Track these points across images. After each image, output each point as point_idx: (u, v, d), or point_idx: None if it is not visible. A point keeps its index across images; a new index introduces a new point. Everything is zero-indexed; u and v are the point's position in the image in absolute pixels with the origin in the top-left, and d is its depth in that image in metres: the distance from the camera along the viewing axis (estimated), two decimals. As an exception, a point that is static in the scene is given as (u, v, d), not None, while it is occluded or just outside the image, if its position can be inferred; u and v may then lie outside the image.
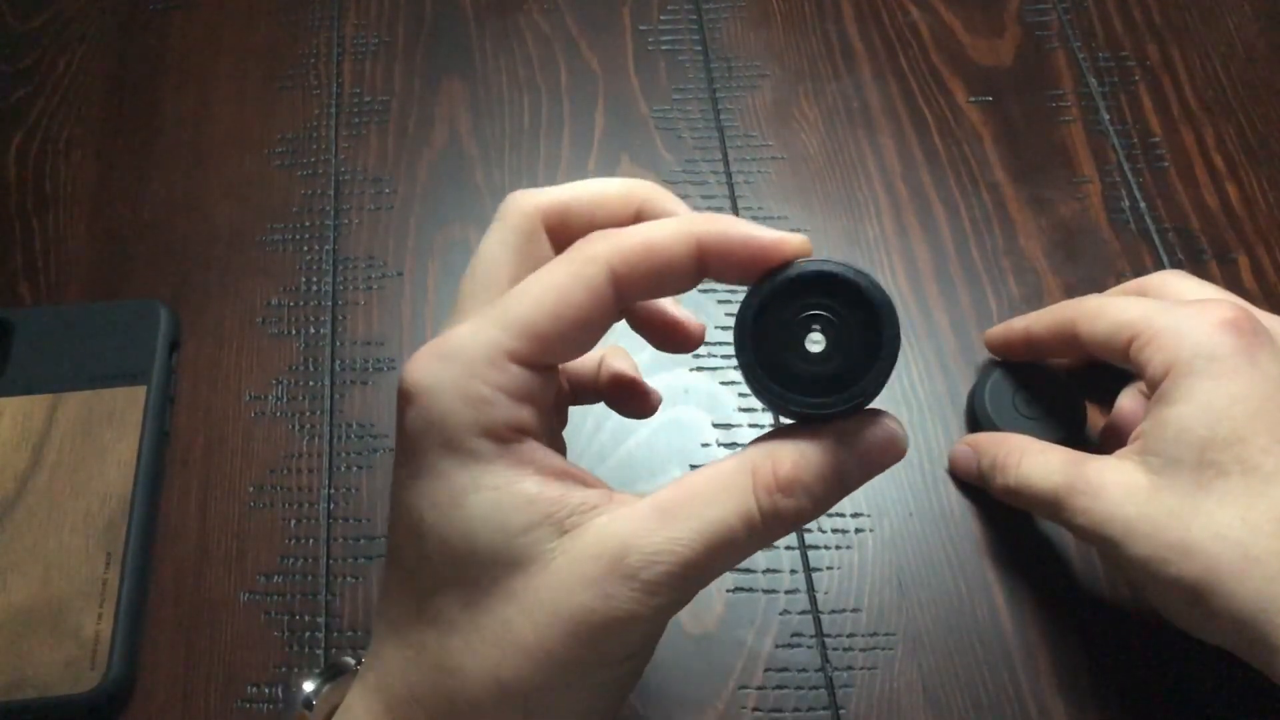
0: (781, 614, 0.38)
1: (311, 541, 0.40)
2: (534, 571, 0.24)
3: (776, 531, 0.24)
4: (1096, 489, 0.32)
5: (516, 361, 0.24)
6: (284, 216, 0.47)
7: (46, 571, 0.37)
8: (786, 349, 0.24)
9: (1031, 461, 0.35)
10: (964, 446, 0.39)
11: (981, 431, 0.39)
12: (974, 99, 0.49)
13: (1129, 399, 0.39)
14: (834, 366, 0.24)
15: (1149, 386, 0.34)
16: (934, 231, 0.46)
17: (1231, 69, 0.50)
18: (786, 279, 0.24)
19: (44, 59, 0.51)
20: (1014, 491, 0.36)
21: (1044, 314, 0.39)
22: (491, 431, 0.24)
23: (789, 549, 0.39)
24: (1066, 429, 0.39)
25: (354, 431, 0.42)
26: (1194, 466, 0.31)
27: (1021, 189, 0.47)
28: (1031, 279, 0.44)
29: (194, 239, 0.46)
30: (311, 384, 0.43)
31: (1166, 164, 0.47)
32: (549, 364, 0.25)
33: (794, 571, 0.38)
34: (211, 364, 0.43)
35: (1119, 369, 0.37)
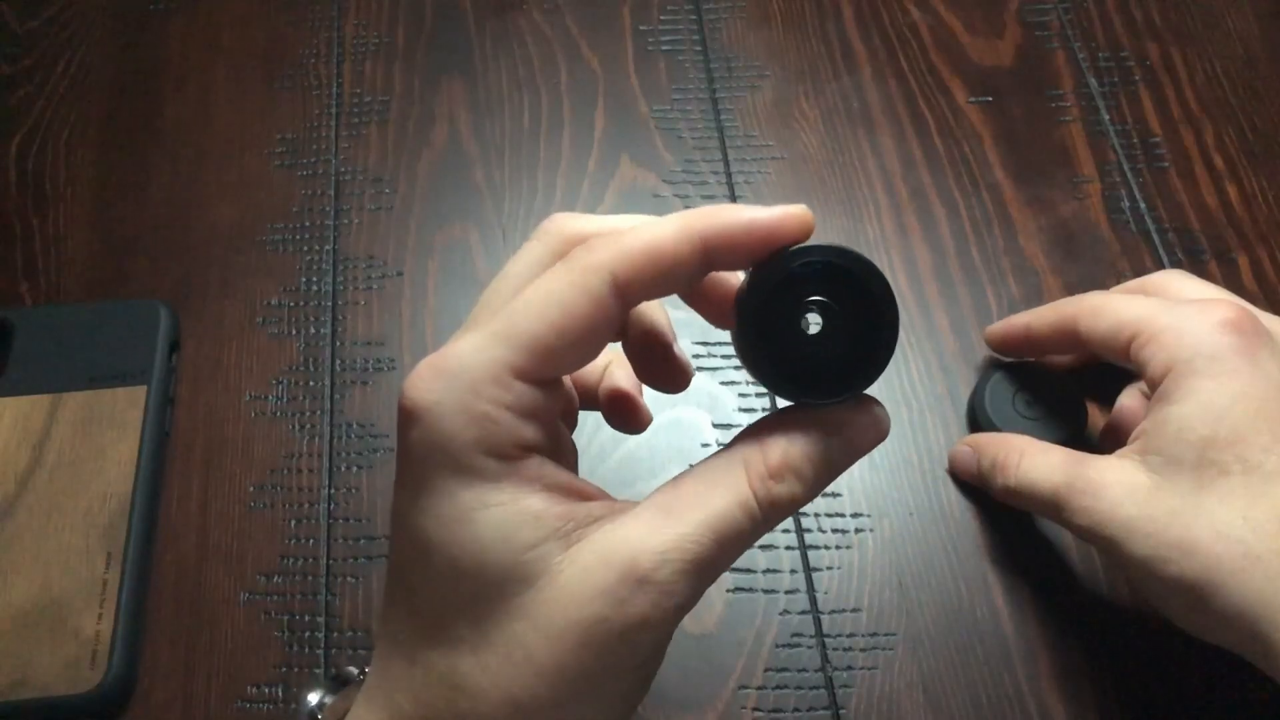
0: (781, 614, 0.38)
1: (311, 541, 0.40)
2: (542, 586, 0.23)
3: (774, 518, 0.25)
4: (1097, 488, 0.32)
5: (520, 378, 0.24)
6: (284, 216, 0.47)
7: (47, 571, 0.37)
8: (785, 334, 0.24)
9: (1032, 462, 0.35)
10: (964, 447, 0.39)
11: (982, 432, 0.40)
12: (974, 99, 0.49)
13: (1129, 398, 0.39)
14: (832, 351, 0.25)
15: (1149, 385, 0.34)
16: (934, 231, 0.46)
17: (1231, 69, 0.50)
18: (781, 268, 0.24)
19: (44, 59, 0.51)
20: (1014, 492, 0.36)
21: (1044, 311, 0.39)
22: (496, 449, 0.24)
23: (789, 549, 0.39)
24: (1067, 429, 0.39)
25: (354, 431, 0.42)
26: (1195, 465, 0.31)
27: (1021, 189, 0.47)
28: (1031, 279, 0.44)
29: (194, 239, 0.46)
30: (312, 384, 0.43)
31: (1166, 164, 0.47)
32: (555, 375, 0.25)
33: (794, 571, 0.38)
34: (212, 364, 0.43)
35: (1120, 369, 0.37)
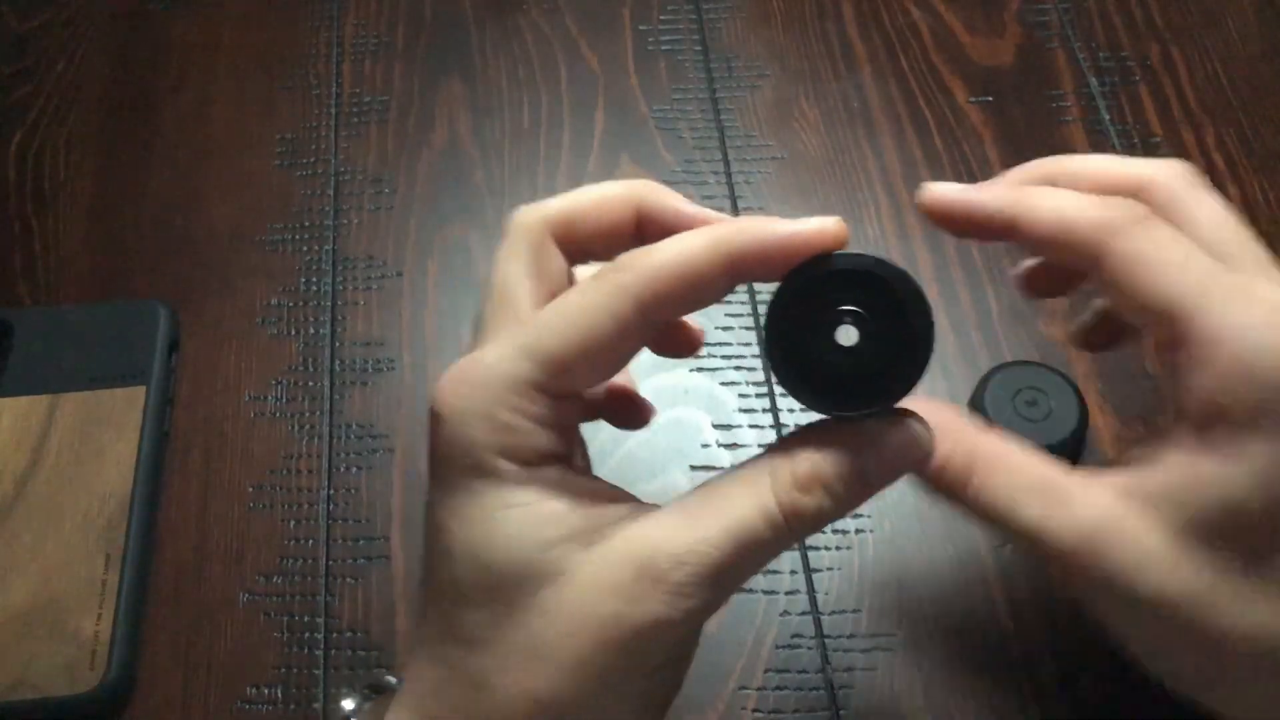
0: (782, 615, 0.38)
1: (311, 542, 0.40)
2: (562, 584, 0.24)
3: (799, 530, 0.24)
4: (1100, 545, 0.25)
5: (543, 392, 0.24)
6: (284, 216, 0.47)
7: (46, 572, 0.37)
8: (816, 344, 0.24)
9: (997, 481, 0.26)
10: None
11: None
12: (974, 99, 0.49)
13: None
14: (865, 361, 0.24)
15: (1179, 407, 0.25)
16: (934, 232, 0.46)
17: (1232, 69, 0.50)
18: (814, 278, 0.24)
19: (44, 59, 0.51)
20: (975, 515, 0.27)
21: (1000, 194, 0.28)
22: (518, 456, 0.24)
23: (789, 550, 0.39)
24: (1067, 429, 0.39)
25: (354, 432, 0.42)
26: (1241, 547, 0.24)
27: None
28: (1032, 279, 0.44)
29: (194, 239, 0.46)
30: (311, 384, 0.43)
31: (1167, 164, 0.47)
32: (577, 391, 0.25)
33: (794, 572, 0.38)
34: (211, 364, 0.43)
35: (1118, 358, 0.35)
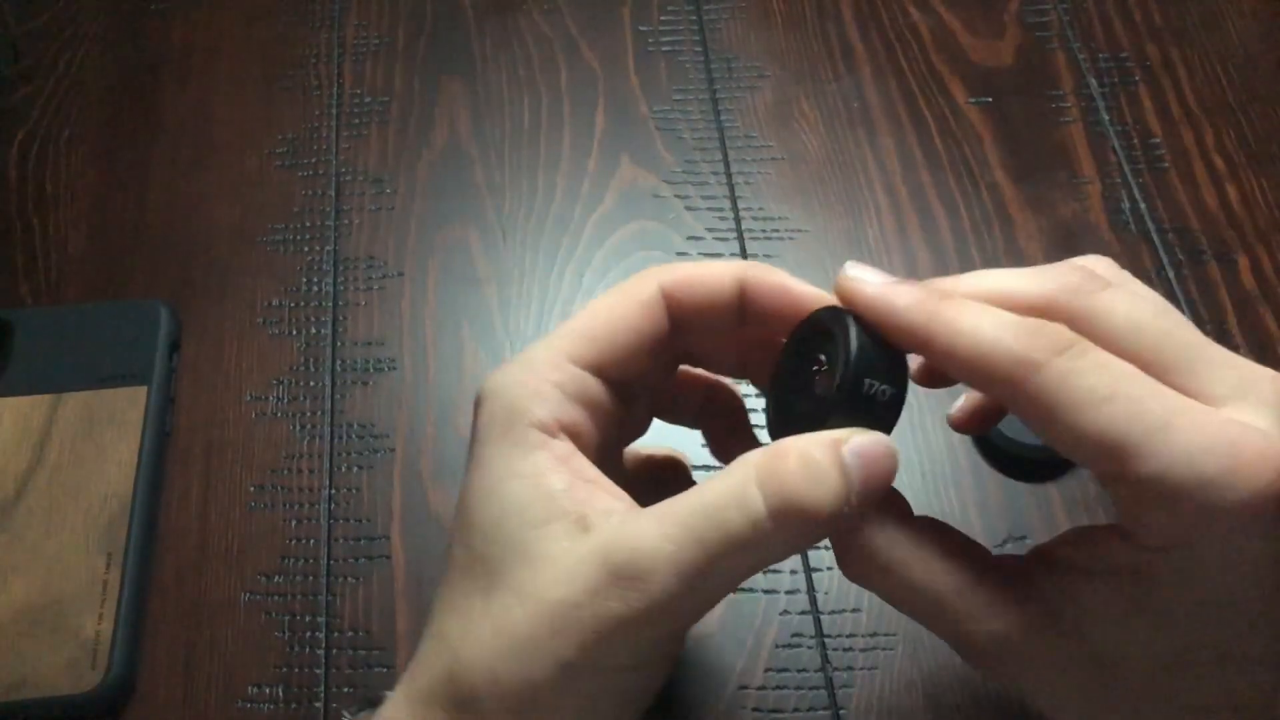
0: (782, 614, 0.38)
1: (312, 542, 0.40)
2: (539, 568, 0.24)
3: (791, 529, 0.23)
4: (1009, 670, 0.25)
5: (574, 362, 0.26)
6: (284, 217, 0.47)
7: (47, 572, 0.37)
8: (798, 394, 0.26)
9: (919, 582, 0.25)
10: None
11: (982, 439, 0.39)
12: (974, 100, 0.49)
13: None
14: (834, 407, 0.24)
15: (1132, 538, 0.23)
16: (934, 232, 0.46)
17: (1231, 70, 0.50)
18: (796, 334, 0.26)
19: (44, 59, 0.51)
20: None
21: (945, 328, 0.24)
22: (540, 422, 0.25)
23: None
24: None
25: (355, 432, 0.42)
26: (1176, 705, 0.24)
27: (1021, 189, 0.47)
28: (1031, 279, 0.44)
29: (194, 239, 0.46)
30: (312, 384, 0.43)
31: (1166, 165, 0.47)
32: (606, 370, 0.26)
33: (794, 572, 0.38)
34: (212, 364, 0.43)
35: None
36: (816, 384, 0.25)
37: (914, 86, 0.50)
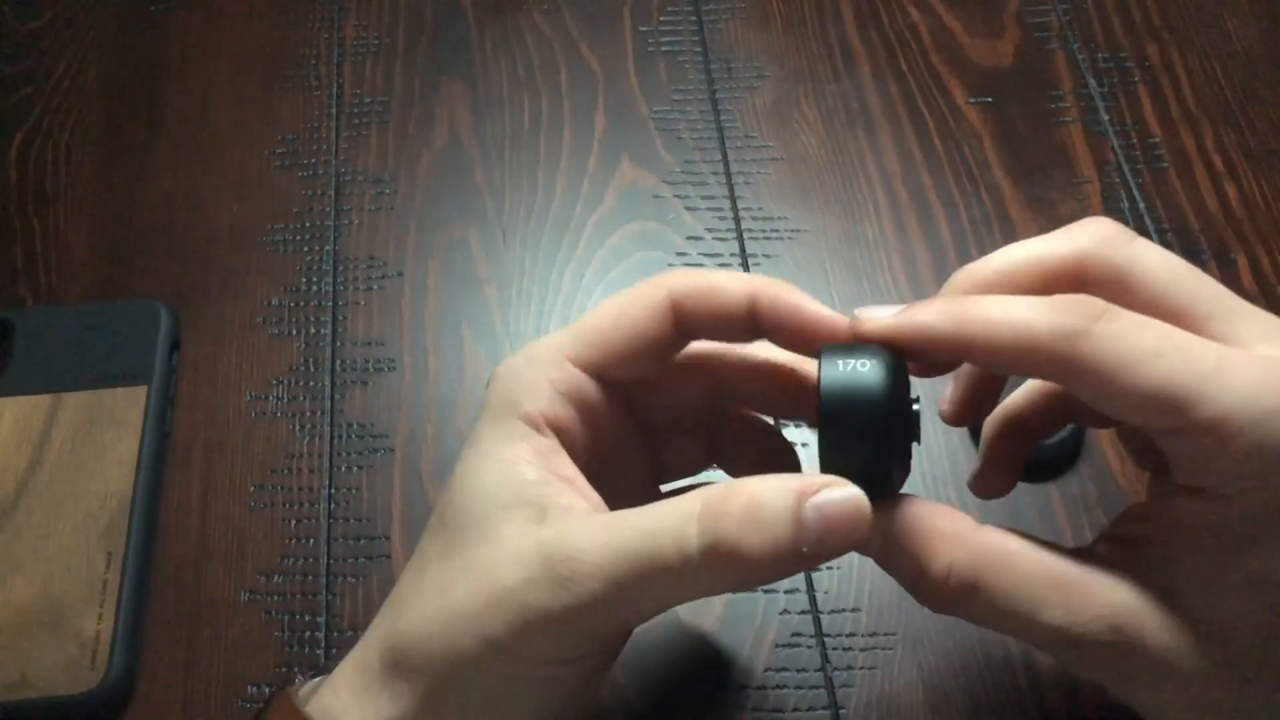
0: (781, 614, 0.38)
1: (312, 541, 0.40)
2: (491, 547, 0.25)
3: (718, 569, 0.23)
4: (1133, 639, 0.24)
5: (574, 362, 0.27)
6: (284, 217, 0.47)
7: (47, 571, 0.37)
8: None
9: (1012, 586, 0.25)
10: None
11: (979, 434, 0.39)
12: (974, 100, 0.49)
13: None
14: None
15: (1184, 477, 0.24)
16: (934, 232, 0.46)
17: (1231, 70, 0.50)
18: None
19: (44, 59, 0.51)
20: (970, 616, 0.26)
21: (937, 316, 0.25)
22: (528, 416, 0.26)
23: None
24: (1067, 430, 0.39)
25: (354, 432, 0.42)
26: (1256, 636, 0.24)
27: (1021, 190, 0.47)
28: (1031, 279, 0.44)
29: (194, 239, 0.46)
30: (312, 384, 0.43)
31: (1166, 165, 0.47)
32: (607, 370, 0.27)
33: (794, 571, 0.38)
34: (212, 364, 0.43)
35: None
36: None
37: (914, 87, 0.50)
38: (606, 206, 0.47)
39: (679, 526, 0.23)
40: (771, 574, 0.24)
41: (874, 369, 0.24)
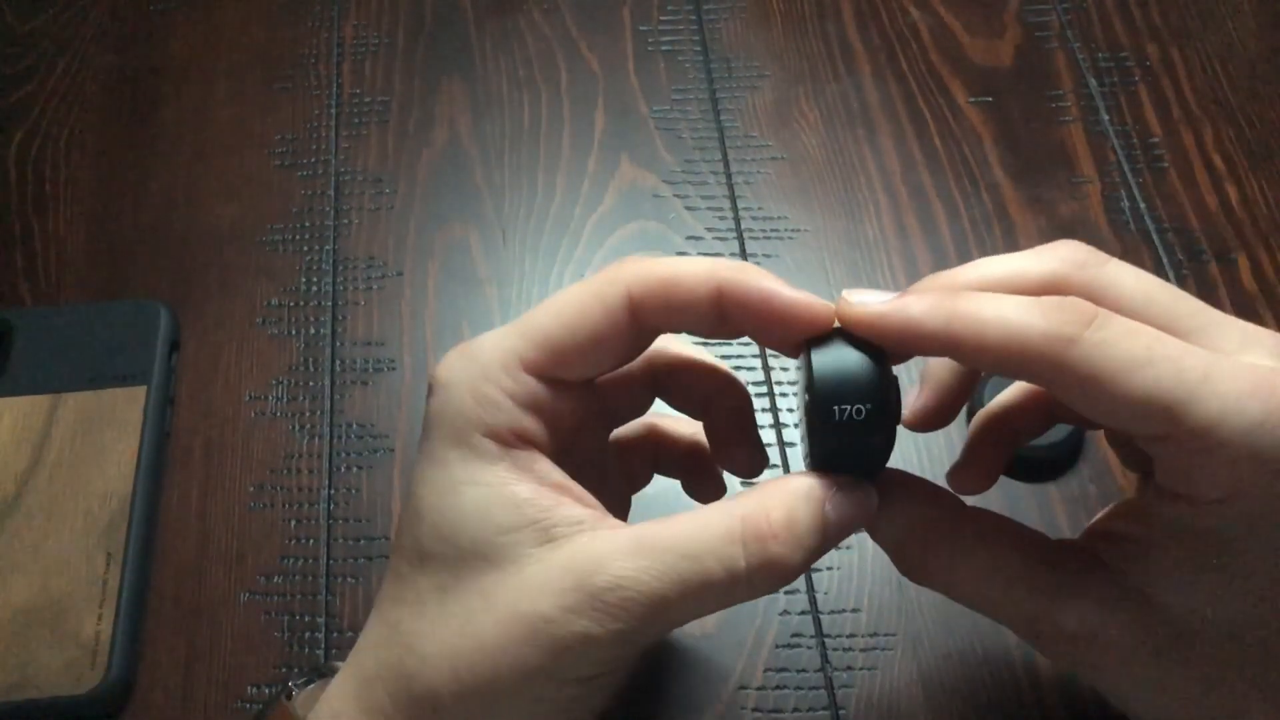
0: (781, 614, 0.38)
1: (311, 542, 0.40)
2: (509, 573, 0.24)
3: (761, 583, 0.24)
4: (1099, 644, 0.25)
5: (529, 370, 0.25)
6: (284, 216, 0.47)
7: (46, 572, 0.37)
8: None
9: (978, 576, 0.26)
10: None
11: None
12: (974, 99, 0.49)
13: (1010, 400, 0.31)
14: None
15: (1171, 484, 0.24)
16: (934, 232, 0.46)
17: (1231, 70, 0.50)
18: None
19: (44, 59, 0.51)
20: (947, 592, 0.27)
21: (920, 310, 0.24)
22: (494, 433, 0.25)
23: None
24: (1065, 430, 0.39)
25: (354, 432, 0.42)
26: (1259, 667, 0.24)
27: (1021, 189, 0.47)
28: (1031, 279, 0.44)
29: (194, 239, 0.46)
30: (312, 384, 0.43)
31: (1166, 164, 0.47)
32: (563, 376, 0.26)
33: (794, 572, 0.38)
34: (211, 364, 0.43)
35: None
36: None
37: (914, 86, 0.50)
38: (606, 206, 0.47)
39: (723, 549, 0.24)
40: (799, 576, 0.25)
41: (864, 369, 0.24)
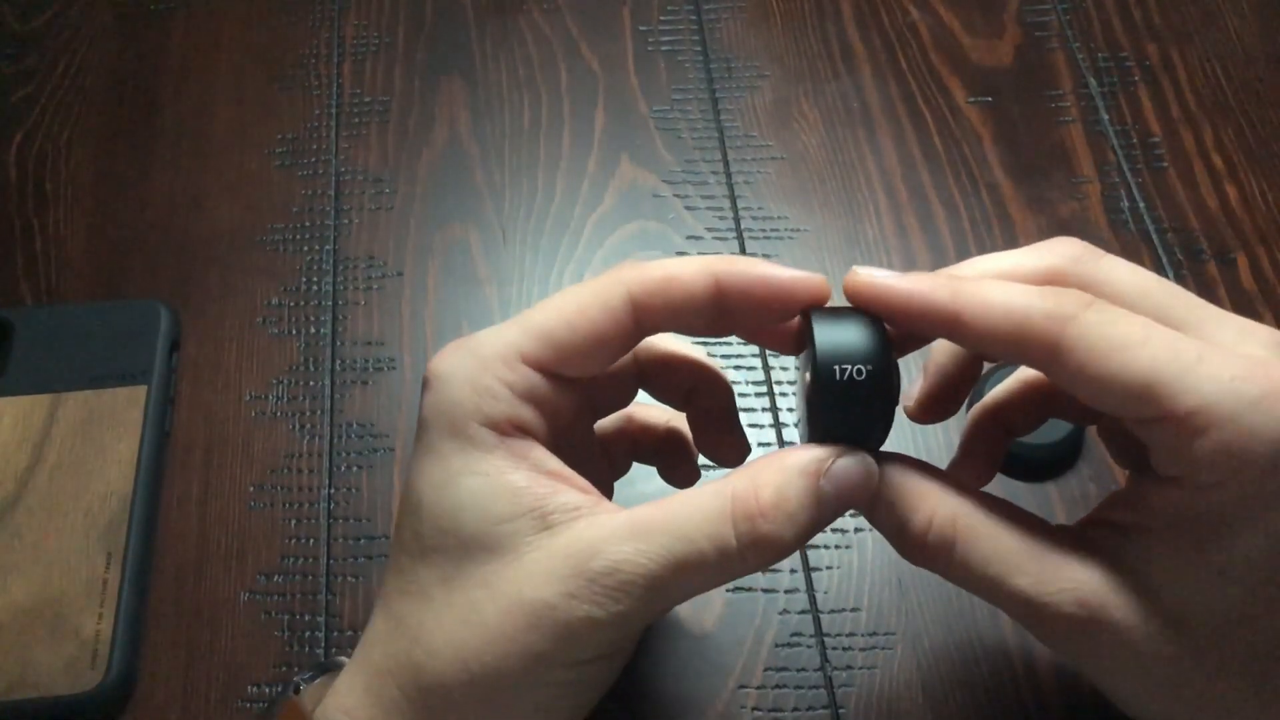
0: (781, 613, 0.38)
1: (312, 541, 0.40)
2: (509, 560, 0.25)
3: (754, 559, 0.24)
4: (1098, 617, 0.25)
5: (528, 363, 0.26)
6: (284, 216, 0.47)
7: (47, 571, 0.37)
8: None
9: (985, 549, 0.25)
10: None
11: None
12: (973, 99, 0.49)
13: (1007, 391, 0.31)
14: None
15: (1163, 466, 0.24)
16: (933, 232, 0.46)
17: (1231, 70, 0.50)
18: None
19: (44, 59, 0.51)
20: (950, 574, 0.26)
21: (923, 288, 0.25)
22: (492, 422, 0.25)
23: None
24: (1066, 428, 0.39)
25: (354, 431, 0.42)
26: (1253, 656, 0.24)
27: (1021, 189, 0.47)
28: (1031, 279, 0.44)
29: (194, 239, 0.46)
30: (312, 384, 0.43)
31: (1166, 164, 0.47)
32: (562, 372, 0.26)
33: (793, 571, 0.38)
34: (212, 364, 0.43)
35: None
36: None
37: (914, 86, 0.50)
38: (606, 206, 0.47)
39: (715, 529, 0.24)
40: (797, 548, 0.25)
41: (864, 333, 0.25)
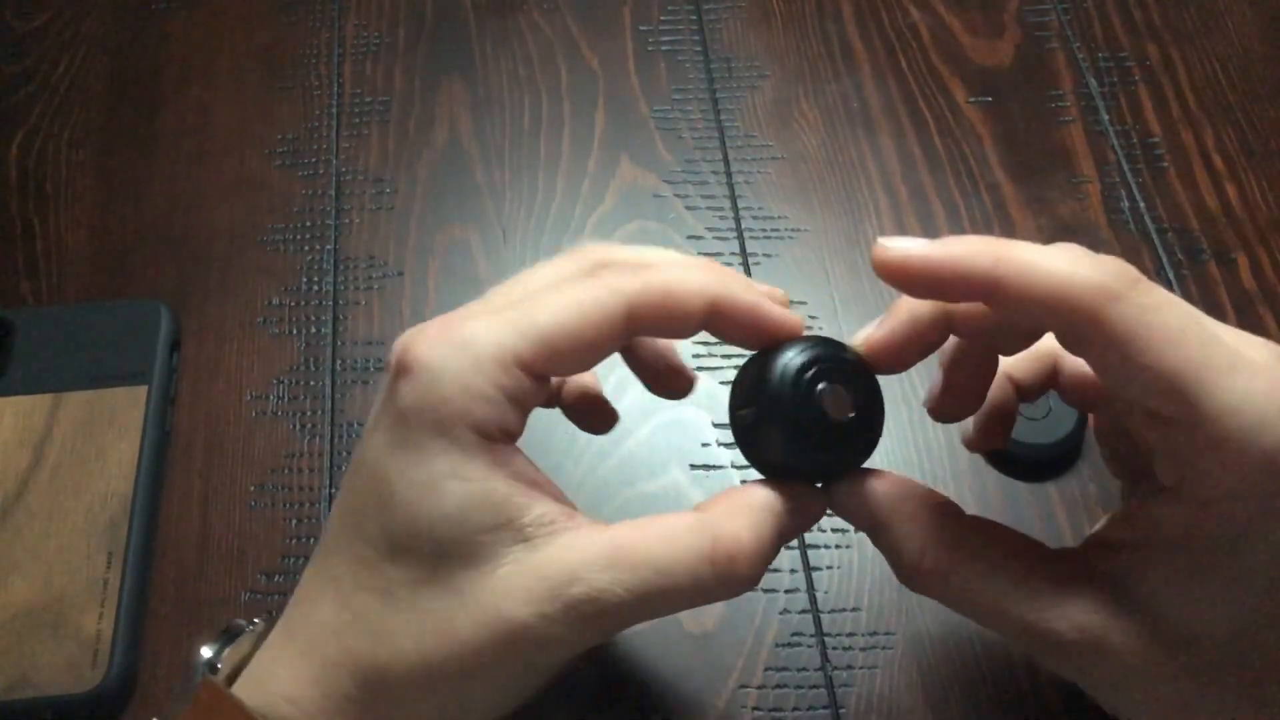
0: (781, 613, 0.38)
1: (312, 541, 0.40)
2: (485, 571, 0.25)
3: (724, 594, 0.25)
4: (1098, 645, 0.24)
5: (522, 367, 0.25)
6: (284, 216, 0.47)
7: (47, 571, 0.37)
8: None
9: (984, 581, 0.26)
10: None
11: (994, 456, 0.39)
12: (974, 99, 0.49)
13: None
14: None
15: (1170, 472, 0.24)
16: (934, 232, 0.46)
17: (1231, 70, 0.50)
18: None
19: (44, 59, 0.51)
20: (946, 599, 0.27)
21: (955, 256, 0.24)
22: (481, 428, 0.25)
23: (789, 548, 0.39)
24: (1066, 430, 0.39)
25: (355, 431, 0.42)
26: (1256, 674, 0.24)
27: (1021, 189, 0.47)
28: (1031, 279, 0.44)
29: (194, 239, 0.46)
30: (312, 384, 0.43)
31: (1166, 164, 0.47)
32: (551, 374, 0.26)
33: (794, 571, 0.38)
34: (212, 364, 0.43)
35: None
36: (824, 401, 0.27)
37: (914, 86, 0.50)
38: (607, 206, 0.47)
39: (695, 566, 0.25)
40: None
41: (834, 363, 0.27)
